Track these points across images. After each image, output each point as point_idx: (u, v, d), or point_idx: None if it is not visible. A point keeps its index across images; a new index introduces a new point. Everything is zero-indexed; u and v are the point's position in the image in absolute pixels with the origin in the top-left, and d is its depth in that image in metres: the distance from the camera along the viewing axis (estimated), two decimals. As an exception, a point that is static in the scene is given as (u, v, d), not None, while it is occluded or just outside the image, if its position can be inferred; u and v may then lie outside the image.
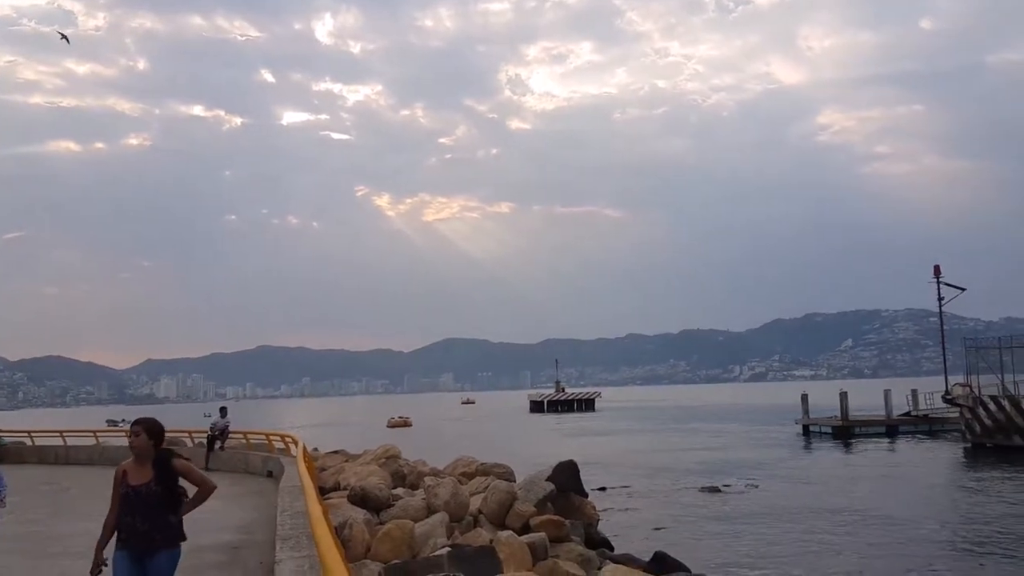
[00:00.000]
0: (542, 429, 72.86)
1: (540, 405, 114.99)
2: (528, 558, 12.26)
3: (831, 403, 55.64)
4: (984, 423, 42.16)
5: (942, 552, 17.77)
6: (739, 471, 33.14)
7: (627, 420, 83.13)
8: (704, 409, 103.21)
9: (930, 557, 17.15)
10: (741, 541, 19.16)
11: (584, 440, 55.06)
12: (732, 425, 67.08)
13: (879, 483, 29.93)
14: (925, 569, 15.98)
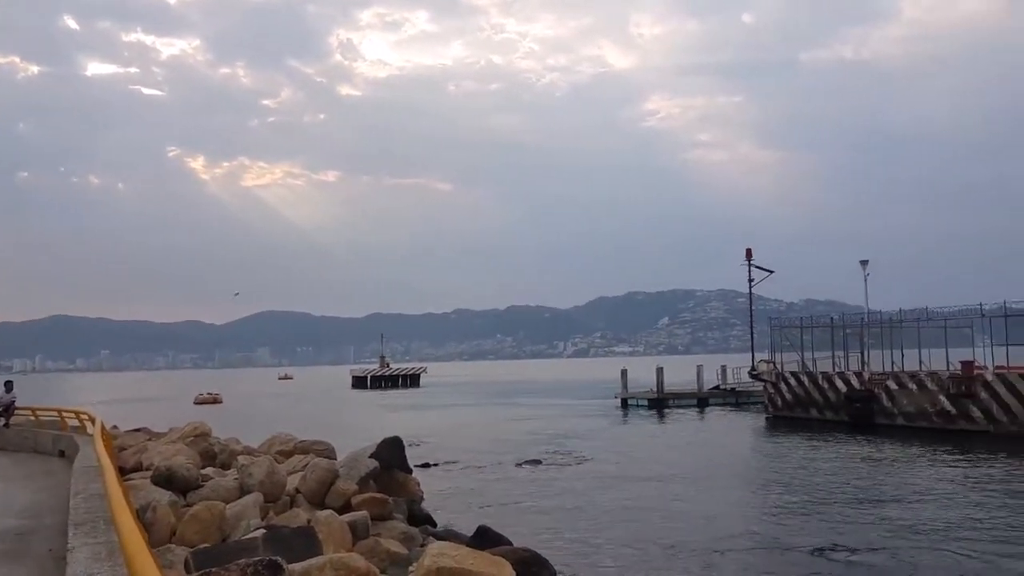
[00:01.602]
0: (365, 405, 72.23)
1: (363, 381, 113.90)
2: (349, 537, 12.11)
3: (648, 378, 58.89)
4: (785, 397, 45.99)
5: (748, 511, 19.33)
6: (561, 443, 34.41)
7: (453, 395, 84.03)
8: (529, 384, 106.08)
9: (737, 516, 18.59)
10: (562, 511, 19.91)
11: (409, 416, 55.13)
12: (555, 399, 69.43)
13: (690, 450, 32.59)
14: (733, 527, 17.28)
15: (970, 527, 17.18)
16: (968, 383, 35.53)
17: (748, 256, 53.60)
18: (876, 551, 15.21)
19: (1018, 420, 33.29)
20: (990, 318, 38.71)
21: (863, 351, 45.08)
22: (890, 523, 17.84)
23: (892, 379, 39.67)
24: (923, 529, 17.11)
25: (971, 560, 14.60)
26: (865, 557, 14.88)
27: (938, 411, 36.82)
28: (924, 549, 15.43)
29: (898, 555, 15.00)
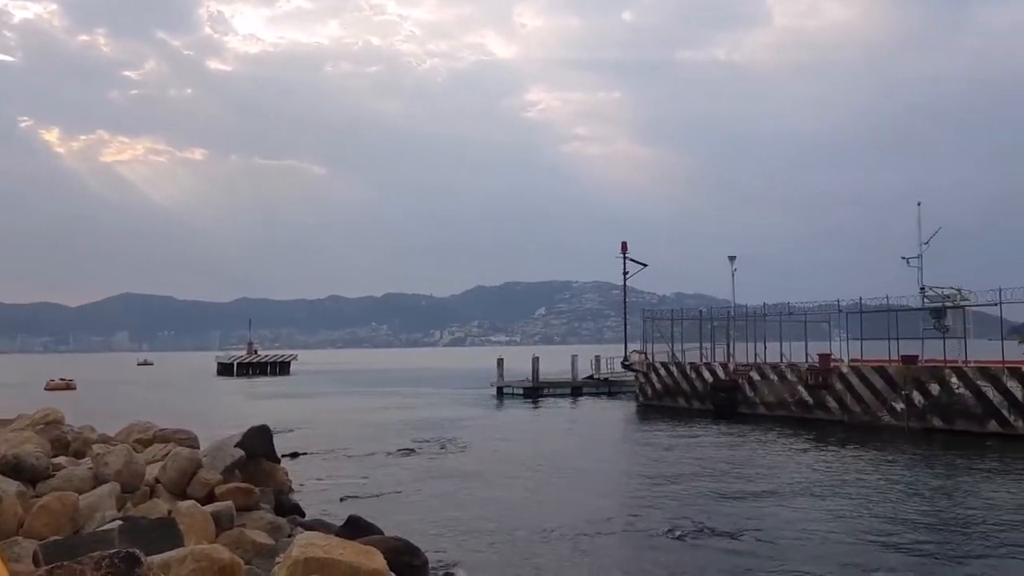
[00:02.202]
0: (231, 393, 70.00)
1: (229, 368, 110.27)
2: (212, 528, 11.74)
3: (524, 367, 59.68)
4: (655, 386, 47.64)
5: (618, 495, 19.91)
6: (436, 431, 34.43)
7: (324, 384, 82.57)
8: (404, 373, 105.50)
9: (607, 500, 19.11)
10: (436, 500, 19.94)
11: (278, 404, 53.82)
12: (431, 388, 69.36)
13: (563, 436, 33.51)
14: (604, 511, 17.77)
15: (825, 507, 18.32)
16: (825, 375, 37.80)
17: (623, 249, 55.12)
18: (740, 532, 15.98)
19: (870, 410, 35.69)
20: (846, 314, 41.28)
21: (729, 343, 47.29)
22: (751, 504, 18.86)
23: (755, 370, 41.75)
24: (781, 509, 18.13)
25: (826, 534, 15.60)
26: (728, 540, 15.61)
27: (797, 401, 39.04)
28: (783, 527, 16.34)
29: (760, 533, 15.83)
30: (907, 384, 34.23)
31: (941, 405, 32.92)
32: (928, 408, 33.37)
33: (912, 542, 15.27)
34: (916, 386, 33.92)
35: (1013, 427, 30.36)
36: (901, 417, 34.21)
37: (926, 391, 33.51)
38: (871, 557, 14.32)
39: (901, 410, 34.32)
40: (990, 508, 18.22)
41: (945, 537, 15.73)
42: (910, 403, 34.01)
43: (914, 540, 15.42)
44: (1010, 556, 14.26)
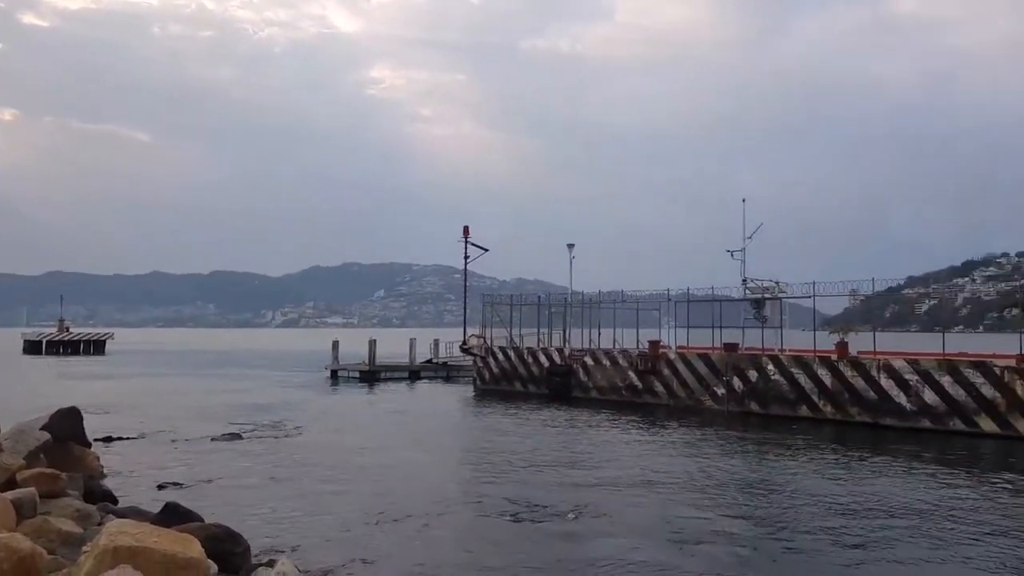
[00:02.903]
0: (39, 373, 65.02)
1: (37, 346, 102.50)
2: (12, 516, 10.84)
3: (361, 350, 58.95)
4: (493, 370, 48.28)
5: (455, 476, 20.05)
6: (264, 416, 33.39)
7: (144, 364, 78.24)
8: (232, 354, 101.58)
9: (444, 481, 19.19)
10: (263, 486, 19.35)
11: (91, 385, 50.46)
12: (260, 371, 67.20)
13: (398, 420, 33.44)
14: (442, 492, 17.84)
15: (650, 485, 19.20)
16: (654, 361, 39.60)
17: (465, 233, 55.38)
18: (572, 511, 16.48)
19: (694, 395, 37.72)
20: (675, 302, 43.41)
21: (565, 329, 48.59)
22: (583, 484, 19.53)
23: (589, 355, 43.16)
24: (611, 489, 18.86)
25: (653, 510, 16.37)
26: (560, 520, 16.07)
27: (627, 386, 40.70)
28: (614, 506, 17.01)
29: (591, 511, 16.42)
30: (728, 370, 36.43)
31: (758, 390, 35.27)
32: (746, 393, 35.66)
33: (729, 513, 16.37)
34: (736, 372, 36.15)
35: (822, 411, 32.96)
36: (722, 401, 36.40)
37: (745, 377, 35.79)
38: (694, 526, 15.25)
39: (722, 395, 36.51)
40: (794, 480, 19.80)
41: (758, 504, 16.94)
42: (730, 388, 36.24)
43: (731, 510, 16.54)
44: (807, 518, 15.53)
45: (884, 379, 31.28)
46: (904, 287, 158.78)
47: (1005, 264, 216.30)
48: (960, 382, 29.30)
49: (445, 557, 13.65)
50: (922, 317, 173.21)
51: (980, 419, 28.64)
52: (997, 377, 28.48)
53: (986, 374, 28.79)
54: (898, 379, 30.91)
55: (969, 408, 28.96)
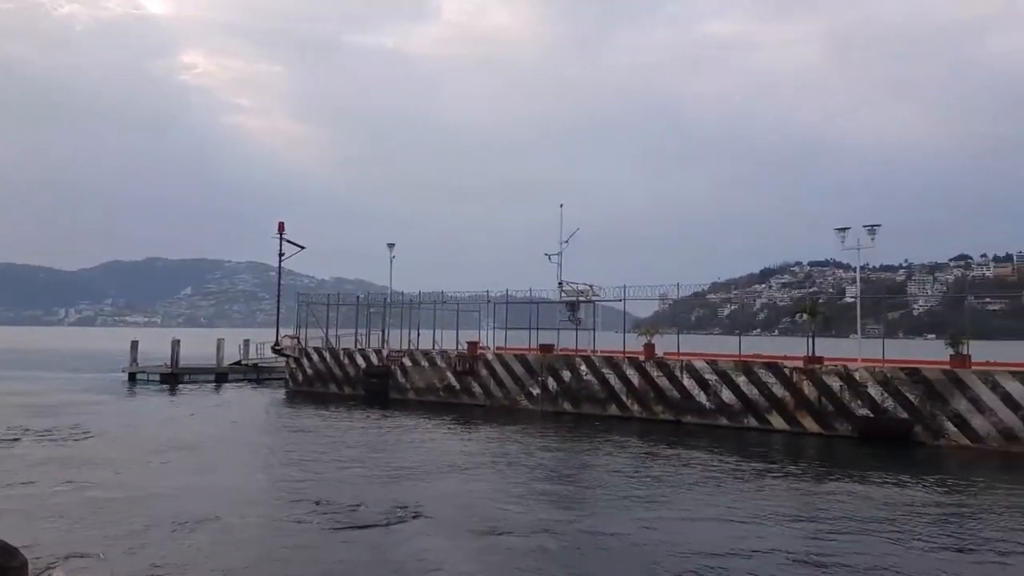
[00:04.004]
0: None
1: None
2: None
3: (164, 351, 55.83)
4: (307, 372, 47.20)
5: (261, 481, 19.39)
6: (53, 418, 30.97)
7: (-92, 366, 70.41)
8: (18, 354, 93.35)
9: (250, 486, 18.53)
10: (48, 493, 17.94)
11: None
12: (50, 372, 62.17)
13: (199, 423, 31.81)
14: (248, 497, 17.21)
15: (463, 481, 19.43)
16: (472, 362, 40.10)
17: (280, 229, 53.84)
18: (384, 511, 16.38)
19: (510, 395, 38.52)
20: (494, 304, 44.17)
21: (384, 330, 48.26)
22: (398, 480, 19.56)
23: (408, 356, 43.09)
24: (424, 483, 18.95)
25: (467, 503, 16.56)
26: (372, 517, 15.94)
27: (445, 387, 40.97)
28: (426, 500, 17.07)
29: (407, 508, 16.41)
30: (543, 371, 37.49)
31: (571, 390, 36.53)
32: (560, 393, 36.85)
33: (539, 506, 16.86)
34: (551, 373, 37.27)
35: (629, 410, 34.58)
36: (537, 401, 37.41)
37: (559, 377, 36.97)
38: (508, 520, 15.59)
39: (537, 395, 37.52)
40: (599, 473, 20.73)
41: (567, 497, 17.57)
42: (545, 388, 37.31)
43: (540, 504, 17.04)
44: (613, 509, 16.31)
45: (687, 379, 33.25)
46: (709, 292, 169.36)
47: (798, 272, 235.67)
48: (754, 382, 31.63)
49: (246, 564, 13.20)
50: (724, 320, 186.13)
51: (771, 416, 31.03)
52: (787, 377, 30.96)
53: (777, 374, 31.23)
54: (699, 379, 32.95)
55: (762, 406, 31.32)
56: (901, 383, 28.45)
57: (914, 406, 28.02)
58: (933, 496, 19.71)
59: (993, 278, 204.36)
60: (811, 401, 30.22)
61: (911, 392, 28.16)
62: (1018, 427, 25.95)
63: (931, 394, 27.76)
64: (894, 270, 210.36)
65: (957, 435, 27.03)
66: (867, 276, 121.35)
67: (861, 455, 25.85)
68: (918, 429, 27.77)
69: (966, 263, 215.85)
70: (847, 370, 29.81)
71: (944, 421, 27.37)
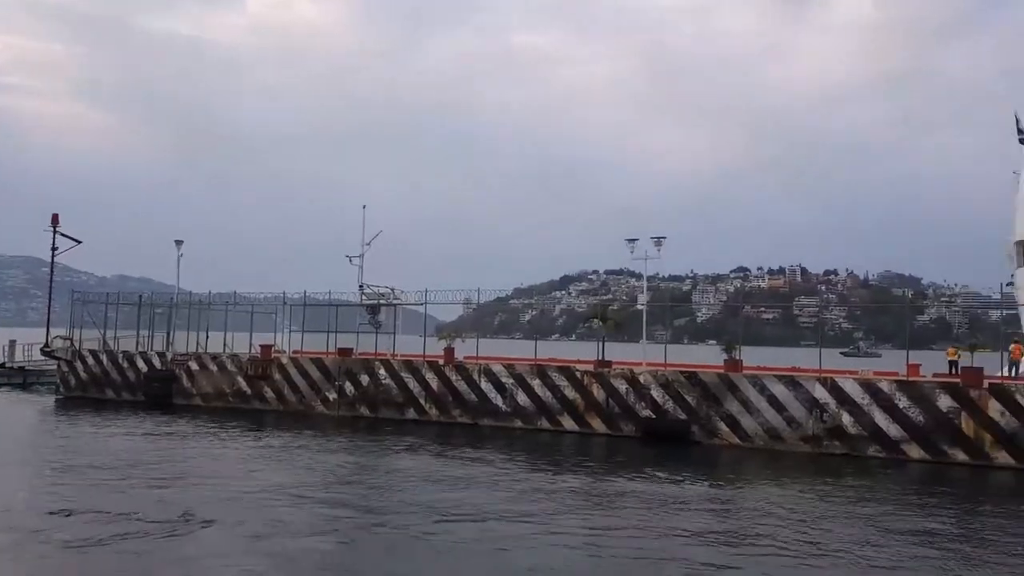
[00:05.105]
0: None
1: None
2: None
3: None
4: (81, 376, 43.76)
5: (18, 492, 17.69)
6: None
7: None
8: None
9: (11, 497, 16.89)
10: None
11: None
12: None
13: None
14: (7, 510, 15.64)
15: (252, 484, 18.63)
16: (265, 365, 38.71)
17: (54, 222, 49.45)
18: (162, 519, 15.42)
19: (305, 400, 37.51)
20: (291, 306, 42.91)
21: (170, 331, 45.51)
22: (176, 488, 18.71)
23: (195, 360, 40.96)
24: (208, 491, 18.15)
25: (255, 510, 15.87)
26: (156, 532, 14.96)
27: (235, 391, 39.29)
28: (210, 509, 16.28)
29: (191, 518, 15.55)
30: (341, 375, 36.82)
31: (369, 394, 36.11)
32: (358, 397, 36.33)
33: (332, 509, 16.54)
34: (349, 377, 36.67)
35: (428, 414, 34.62)
36: (333, 406, 36.68)
37: (357, 381, 36.44)
38: (302, 522, 15.16)
39: (334, 399, 36.79)
40: (393, 475, 20.64)
41: (360, 499, 17.31)
42: (342, 392, 36.66)
43: (333, 507, 16.73)
44: (408, 510, 16.25)
45: (484, 382, 33.76)
46: (511, 298, 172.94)
47: (595, 280, 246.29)
48: (548, 385, 32.60)
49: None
50: (525, 325, 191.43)
51: (563, 418, 32.10)
52: (578, 380, 32.14)
53: (569, 378, 32.35)
54: (496, 382, 33.54)
55: (554, 408, 32.33)
56: (681, 386, 30.28)
57: (692, 407, 29.90)
58: (704, 490, 21.13)
59: (767, 289, 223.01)
60: (599, 403, 31.53)
61: (689, 394, 30.03)
62: (782, 427, 28.31)
63: (707, 396, 29.74)
64: (681, 280, 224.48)
65: (729, 434, 29.11)
66: (656, 285, 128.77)
67: (643, 454, 27.25)
68: (695, 429, 29.66)
69: (744, 275, 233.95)
70: (633, 373, 31.36)
71: (718, 421, 29.40)
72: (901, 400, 26.76)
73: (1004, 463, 25.09)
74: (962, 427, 25.87)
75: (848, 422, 27.36)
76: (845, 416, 27.42)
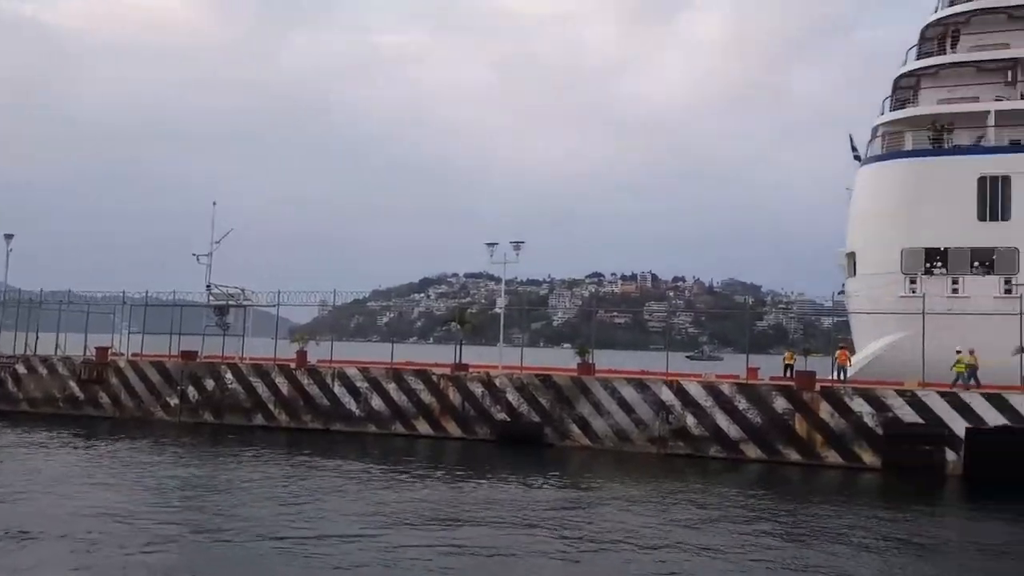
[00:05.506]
0: None
1: None
2: None
3: None
4: None
5: None
6: None
7: None
8: None
9: None
10: None
11: None
12: None
13: None
14: None
15: (88, 497, 17.35)
16: (100, 369, 36.39)
17: None
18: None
19: (143, 405, 35.52)
20: (131, 306, 40.59)
21: (-4, 331, 42.14)
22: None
23: (22, 363, 38.07)
24: (35, 497, 16.69)
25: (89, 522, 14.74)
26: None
27: (66, 397, 36.78)
28: (28, 514, 14.96)
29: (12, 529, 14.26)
30: (184, 379, 35.07)
31: (214, 400, 34.55)
32: (202, 403, 34.69)
33: (172, 522, 15.59)
34: (192, 381, 34.98)
35: (277, 419, 33.48)
36: (175, 412, 34.88)
37: (201, 386, 34.81)
38: (117, 532, 14.12)
39: (175, 405, 34.99)
40: (239, 486, 19.77)
41: (200, 511, 16.41)
42: (185, 398, 34.91)
43: (173, 519, 15.79)
44: (252, 521, 15.55)
45: (338, 387, 32.96)
46: (369, 299, 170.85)
47: (455, 283, 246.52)
48: (404, 389, 32.17)
49: None
50: (383, 328, 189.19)
51: (418, 422, 31.76)
52: (435, 384, 31.88)
53: (426, 381, 32.05)
54: (350, 387, 32.81)
55: (410, 413, 31.94)
56: (535, 389, 30.55)
57: (546, 410, 30.22)
58: (553, 492, 21.37)
59: (620, 294, 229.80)
60: (455, 407, 31.39)
61: (543, 397, 30.34)
62: (631, 428, 29.03)
63: (560, 399, 30.14)
64: (539, 284, 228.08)
65: (580, 436, 29.60)
66: (515, 289, 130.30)
67: (496, 457, 27.30)
68: (548, 431, 29.99)
69: (599, 280, 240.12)
70: (489, 377, 31.40)
71: (570, 424, 29.84)
72: (741, 402, 27.99)
73: (833, 462, 26.66)
74: (796, 428, 27.32)
75: (692, 423, 28.37)
76: (689, 418, 28.42)
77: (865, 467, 26.21)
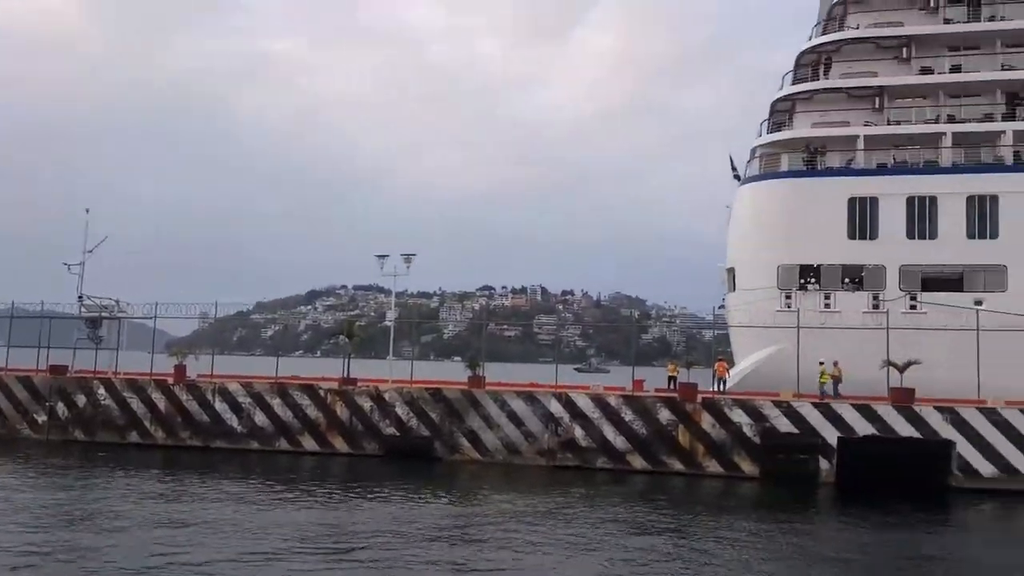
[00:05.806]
0: None
1: None
2: None
3: None
4: None
5: None
6: None
7: None
8: None
9: None
10: None
11: None
12: None
13: None
14: None
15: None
16: (-42, 385, 33.98)
17: None
18: None
19: (8, 423, 33.63)
20: (-4, 318, 38.20)
21: None
22: None
23: None
24: None
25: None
26: None
27: (-83, 415, 34.14)
28: None
29: None
30: (52, 395, 33.16)
31: (85, 417, 32.79)
32: (72, 420, 32.88)
33: (30, 548, 14.54)
34: (62, 397, 33.11)
35: (153, 437, 32.03)
36: (42, 430, 32.91)
37: (72, 402, 32.99)
38: None
39: (43, 422, 33.02)
40: (107, 509, 18.73)
41: (65, 536, 15.43)
42: (53, 415, 33.01)
43: (34, 545, 14.72)
44: (120, 546, 14.77)
45: (219, 403, 31.82)
46: (253, 312, 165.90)
47: (343, 295, 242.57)
48: (289, 404, 31.33)
49: None
50: (267, 341, 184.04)
51: (303, 438, 30.97)
52: (321, 399, 31.18)
53: (312, 396, 31.31)
54: (232, 402, 31.73)
55: (295, 428, 31.11)
56: (425, 403, 30.29)
57: (435, 424, 29.98)
58: (441, 508, 21.21)
59: (510, 307, 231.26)
60: (343, 422, 30.78)
61: (433, 411, 30.11)
62: (520, 441, 29.14)
63: (451, 413, 29.97)
64: (429, 296, 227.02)
65: (470, 450, 29.50)
66: (405, 301, 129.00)
67: (384, 472, 26.89)
68: (437, 445, 29.76)
69: (489, 293, 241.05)
70: (378, 391, 30.95)
71: (460, 437, 29.70)
72: (627, 413, 28.51)
73: (714, 471, 27.45)
74: (679, 439, 28.01)
75: (580, 435, 28.70)
76: (578, 429, 28.75)
77: (744, 476, 27.10)
